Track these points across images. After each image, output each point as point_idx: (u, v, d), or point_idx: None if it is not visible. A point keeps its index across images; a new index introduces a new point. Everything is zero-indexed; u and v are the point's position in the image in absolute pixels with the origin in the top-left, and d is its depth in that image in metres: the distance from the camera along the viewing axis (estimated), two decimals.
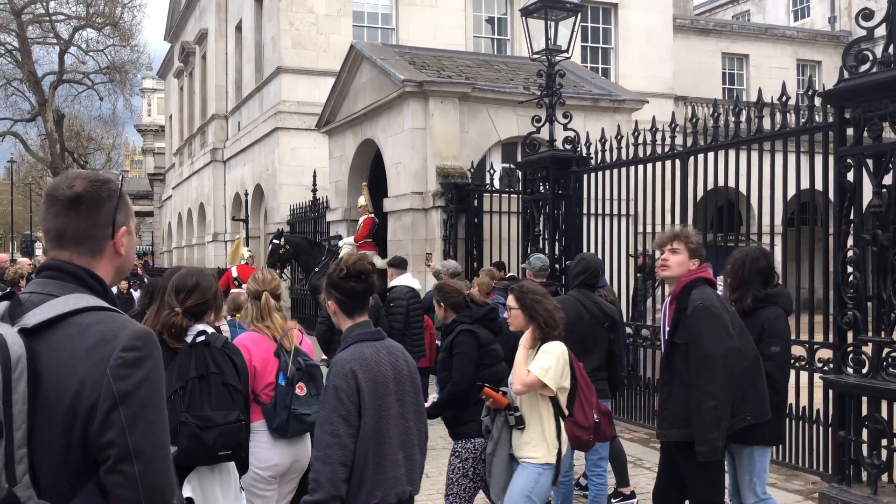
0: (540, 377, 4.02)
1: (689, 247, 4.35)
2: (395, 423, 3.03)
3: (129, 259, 1.97)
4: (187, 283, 3.65)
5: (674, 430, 4.26)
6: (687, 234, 4.44)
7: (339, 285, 3.09)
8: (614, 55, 22.99)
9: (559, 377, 4.09)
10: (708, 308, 4.16)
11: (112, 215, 1.89)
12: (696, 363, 4.14)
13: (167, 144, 41.94)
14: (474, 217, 12.42)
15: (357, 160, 15.67)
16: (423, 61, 14.34)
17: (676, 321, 4.27)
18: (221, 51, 27.18)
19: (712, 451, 4.11)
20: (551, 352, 4.10)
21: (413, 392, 3.14)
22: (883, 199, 5.64)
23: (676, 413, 4.23)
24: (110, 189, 1.90)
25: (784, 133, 6.98)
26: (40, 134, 41.61)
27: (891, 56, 5.57)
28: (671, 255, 4.37)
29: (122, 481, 1.68)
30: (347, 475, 2.90)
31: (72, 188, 1.86)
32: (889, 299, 5.55)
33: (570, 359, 4.20)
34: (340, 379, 2.94)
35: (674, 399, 4.27)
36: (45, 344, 1.71)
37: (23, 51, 34.97)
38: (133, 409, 1.69)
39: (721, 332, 4.14)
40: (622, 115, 14.09)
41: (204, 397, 3.45)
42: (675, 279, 4.37)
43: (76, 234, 1.86)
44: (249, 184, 23.38)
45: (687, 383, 4.19)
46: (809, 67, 28.69)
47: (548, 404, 4.13)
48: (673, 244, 4.37)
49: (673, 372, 4.29)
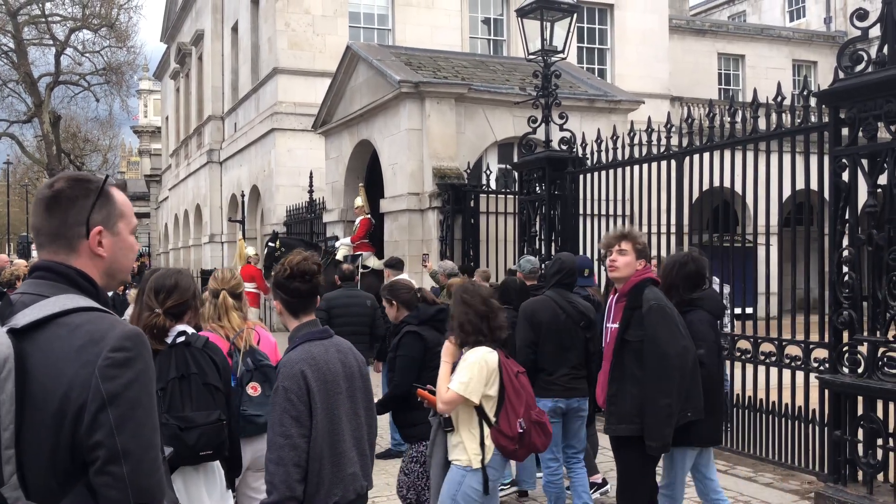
0: (459, 392, 3.94)
1: (636, 248, 4.48)
2: (348, 421, 3.05)
3: (117, 261, 1.92)
4: (166, 283, 3.61)
5: (622, 426, 4.38)
6: (634, 235, 4.56)
7: (284, 286, 3.09)
8: (610, 56, 23.00)
9: (481, 386, 3.96)
10: (663, 308, 4.33)
11: (86, 214, 1.85)
12: (653, 362, 4.26)
13: (164, 146, 41.90)
14: (471, 218, 12.42)
15: (353, 161, 15.66)
16: (419, 62, 14.34)
17: (628, 319, 4.37)
18: (218, 52, 27.16)
19: (664, 446, 4.29)
20: (472, 362, 3.99)
21: (363, 388, 3.16)
22: (878, 199, 5.64)
23: (626, 409, 4.34)
24: (87, 188, 1.87)
25: (779, 133, 6.98)
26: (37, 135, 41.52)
27: (885, 56, 5.57)
28: (619, 256, 4.48)
29: (111, 482, 1.67)
30: (302, 476, 2.90)
31: (52, 187, 1.86)
32: (884, 299, 5.56)
33: (500, 364, 4.02)
34: (289, 380, 2.94)
35: (623, 395, 4.37)
36: (35, 344, 1.70)
37: (19, 52, 34.89)
38: (121, 409, 1.68)
39: (676, 332, 4.30)
40: (618, 116, 14.10)
41: (185, 398, 3.45)
42: (623, 279, 4.49)
43: (49, 233, 1.85)
44: (246, 185, 23.36)
45: (640, 380, 4.30)
46: (805, 68, 28.73)
47: (472, 410, 4.03)
48: (620, 245, 4.49)
49: (623, 369, 4.38)
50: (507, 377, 4.02)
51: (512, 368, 4.09)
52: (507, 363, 4.07)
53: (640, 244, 4.50)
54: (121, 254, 1.93)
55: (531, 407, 4.10)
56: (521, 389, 4.06)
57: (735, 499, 6.02)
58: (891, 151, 5.52)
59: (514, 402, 3.99)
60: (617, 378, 4.41)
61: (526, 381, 4.19)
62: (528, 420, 4.03)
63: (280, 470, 2.87)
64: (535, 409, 4.14)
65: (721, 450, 7.37)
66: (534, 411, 4.10)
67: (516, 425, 3.96)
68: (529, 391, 4.17)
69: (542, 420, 4.09)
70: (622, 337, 4.39)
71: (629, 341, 4.37)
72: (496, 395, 4.01)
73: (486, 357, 4.01)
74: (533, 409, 4.11)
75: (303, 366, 2.97)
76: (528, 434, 4.02)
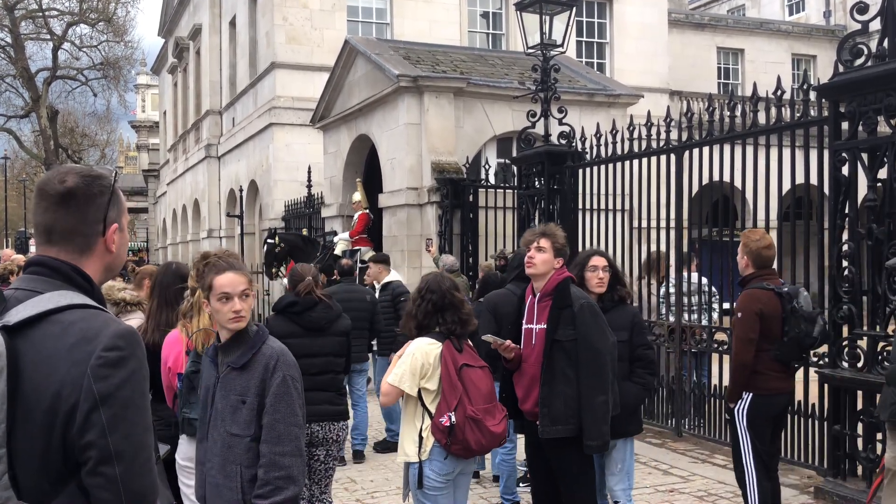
0: (395, 384, 4.00)
1: (554, 246, 4.47)
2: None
3: (121, 256, 1.93)
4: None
5: (558, 427, 4.31)
6: (553, 232, 4.55)
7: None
8: (609, 50, 22.96)
9: (417, 378, 3.98)
10: (592, 306, 4.38)
11: (104, 212, 1.85)
12: (588, 360, 4.26)
13: (161, 140, 41.80)
14: (469, 212, 12.40)
15: (352, 156, 15.63)
16: (417, 56, 14.29)
17: (557, 318, 4.34)
18: (216, 46, 27.08)
19: (603, 444, 4.32)
20: (408, 353, 4.04)
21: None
22: (878, 193, 5.63)
23: (560, 410, 4.29)
24: (102, 185, 1.86)
25: (779, 127, 6.96)
26: (34, 130, 41.46)
27: (885, 49, 5.55)
28: (537, 253, 4.47)
29: (103, 483, 1.65)
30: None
31: (63, 183, 1.82)
32: (884, 293, 5.54)
33: (443, 357, 3.99)
34: (294, 369, 2.99)
35: (557, 396, 4.30)
36: (28, 342, 1.68)
37: (16, 47, 34.82)
38: (114, 410, 1.66)
39: (605, 329, 4.35)
40: (617, 110, 14.06)
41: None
42: (541, 276, 4.47)
43: (65, 231, 1.82)
44: (244, 180, 23.32)
45: (572, 380, 4.27)
46: (804, 62, 28.68)
47: (415, 403, 4.05)
48: (539, 242, 4.47)
49: (554, 370, 4.33)
50: (446, 371, 3.97)
51: (456, 362, 4.01)
52: (450, 356, 4.01)
53: (559, 243, 4.49)
54: (123, 249, 1.94)
55: (473, 402, 3.97)
56: (460, 384, 3.97)
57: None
58: (891, 145, 5.50)
59: (448, 396, 3.95)
60: (548, 380, 4.33)
61: (477, 375, 4.07)
62: (461, 415, 3.93)
63: (298, 461, 2.90)
64: (478, 406, 3.98)
65: (721, 444, 7.38)
66: (472, 407, 3.95)
67: (446, 418, 3.92)
68: (479, 386, 4.05)
69: (477, 417, 3.95)
70: (552, 338, 4.34)
71: (560, 341, 4.32)
72: (436, 388, 3.99)
73: (425, 349, 4.02)
74: (473, 406, 3.96)
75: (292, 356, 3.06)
76: (461, 429, 3.92)
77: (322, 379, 4.89)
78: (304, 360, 4.81)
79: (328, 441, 4.84)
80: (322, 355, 4.93)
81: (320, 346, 4.93)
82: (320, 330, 4.94)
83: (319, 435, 4.81)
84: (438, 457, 3.98)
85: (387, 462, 7.53)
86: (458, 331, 4.09)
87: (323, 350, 4.94)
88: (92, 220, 1.84)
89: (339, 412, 4.93)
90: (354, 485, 6.91)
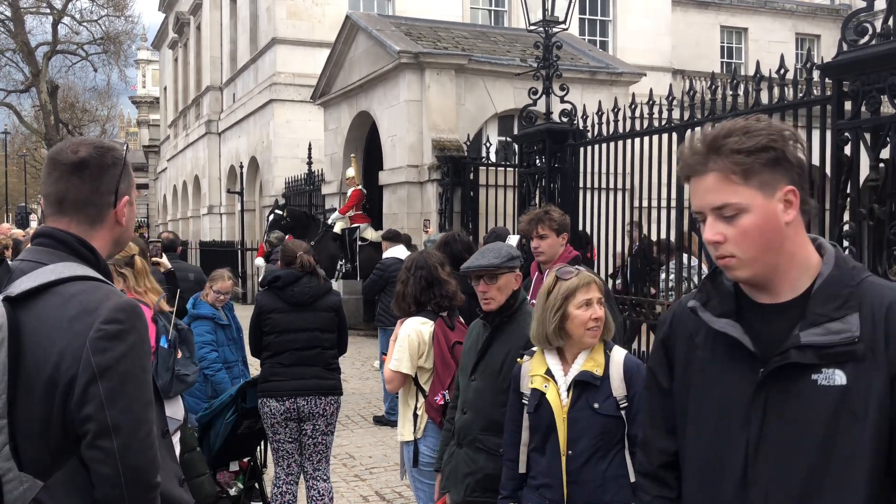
0: (395, 369, 4.02)
1: (553, 227, 4.47)
2: None
3: (129, 230, 1.94)
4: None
5: None
6: (548, 216, 4.53)
7: None
8: (612, 28, 22.81)
9: (415, 359, 4.01)
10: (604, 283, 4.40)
11: (116, 183, 1.86)
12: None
13: (162, 116, 41.66)
14: (470, 190, 12.37)
15: (352, 133, 15.58)
16: (419, 32, 14.21)
17: None
18: (216, 21, 26.90)
19: None
20: (402, 336, 4.05)
21: None
22: (880, 173, 5.61)
23: None
24: (115, 156, 1.87)
25: (782, 106, 6.93)
26: (34, 105, 41.30)
27: (890, 28, 5.50)
28: (541, 241, 4.48)
29: (101, 457, 1.65)
30: None
31: (77, 153, 1.82)
32: (885, 274, 5.54)
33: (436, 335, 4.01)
34: None
35: None
36: (30, 313, 1.68)
37: (16, 20, 34.59)
38: (112, 383, 1.66)
39: (614, 308, 4.35)
40: (619, 89, 14.00)
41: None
42: (551, 259, 4.47)
43: (78, 200, 1.83)
44: (244, 156, 23.26)
45: None
46: (808, 41, 28.48)
47: (410, 383, 4.08)
48: (538, 230, 4.47)
49: None
50: (438, 349, 3.99)
51: (449, 339, 4.01)
52: (442, 334, 4.02)
53: (557, 222, 4.47)
54: (132, 223, 1.96)
55: None
56: (453, 361, 3.96)
57: None
58: (894, 125, 5.48)
59: (441, 374, 3.96)
60: None
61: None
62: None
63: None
64: None
65: None
66: None
67: (440, 397, 3.92)
68: None
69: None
70: None
71: None
72: (431, 367, 4.01)
73: (418, 328, 4.04)
74: None
75: None
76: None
77: (308, 354, 4.90)
78: (289, 335, 4.87)
79: (314, 416, 4.89)
80: (307, 330, 4.91)
81: (305, 320, 4.91)
82: (304, 304, 4.92)
83: (305, 409, 4.86)
84: (433, 434, 3.99)
85: (385, 438, 7.57)
86: (447, 304, 4.09)
87: (308, 325, 4.92)
88: (105, 190, 1.85)
89: (327, 387, 4.94)
90: (353, 460, 6.96)
